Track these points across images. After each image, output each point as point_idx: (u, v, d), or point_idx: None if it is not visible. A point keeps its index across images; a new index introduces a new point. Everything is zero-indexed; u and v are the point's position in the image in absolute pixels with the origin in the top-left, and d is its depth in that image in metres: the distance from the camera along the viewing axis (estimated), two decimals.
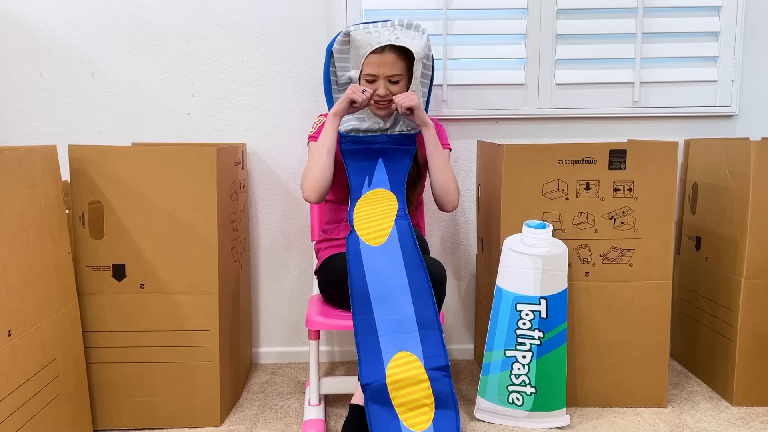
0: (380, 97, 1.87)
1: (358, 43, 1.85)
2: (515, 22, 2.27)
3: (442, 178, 1.90)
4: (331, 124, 1.86)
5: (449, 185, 1.91)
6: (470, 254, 2.42)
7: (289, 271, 2.40)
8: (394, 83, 1.86)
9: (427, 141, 1.89)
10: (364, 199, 1.82)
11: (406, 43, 1.83)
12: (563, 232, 1.94)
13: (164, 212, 1.82)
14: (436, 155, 1.89)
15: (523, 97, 2.31)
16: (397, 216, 1.74)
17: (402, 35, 1.84)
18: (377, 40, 1.83)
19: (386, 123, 1.94)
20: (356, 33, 1.85)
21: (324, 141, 1.86)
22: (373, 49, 1.82)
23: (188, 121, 2.32)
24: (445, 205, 1.95)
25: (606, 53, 2.29)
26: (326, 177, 1.86)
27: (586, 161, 1.91)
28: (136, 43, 2.27)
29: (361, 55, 1.86)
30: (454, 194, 1.94)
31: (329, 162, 1.86)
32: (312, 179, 1.86)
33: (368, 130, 1.94)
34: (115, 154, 1.80)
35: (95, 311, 1.84)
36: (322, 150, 1.86)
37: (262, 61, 2.29)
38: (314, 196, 1.88)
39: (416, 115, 1.84)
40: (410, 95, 1.82)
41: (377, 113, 1.91)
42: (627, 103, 2.32)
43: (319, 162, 1.85)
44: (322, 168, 1.85)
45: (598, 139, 2.34)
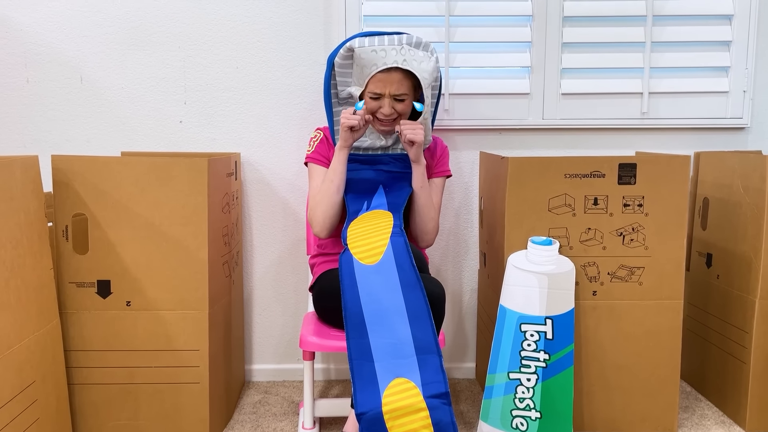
0: (385, 116, 1.79)
1: (363, 62, 1.76)
2: (520, 30, 2.20)
3: (422, 217, 1.84)
4: (339, 158, 1.78)
5: (427, 225, 1.85)
6: (472, 269, 2.33)
7: (284, 285, 2.31)
8: (399, 101, 1.78)
9: (415, 178, 1.81)
10: (359, 219, 1.74)
11: (414, 67, 1.74)
12: (570, 249, 1.86)
13: (152, 226, 1.74)
14: (421, 195, 1.82)
15: (528, 108, 2.23)
16: (393, 233, 1.65)
17: (410, 57, 1.75)
18: (383, 60, 1.74)
19: (388, 140, 1.86)
20: (361, 51, 1.76)
21: (333, 177, 1.78)
22: (379, 70, 1.74)
23: (180, 130, 2.23)
24: (420, 242, 1.89)
25: (614, 62, 2.21)
26: (337, 213, 1.80)
27: (594, 175, 1.83)
28: (126, 48, 2.18)
29: (365, 74, 1.77)
30: (431, 234, 1.88)
31: (340, 199, 1.80)
32: (322, 216, 1.79)
33: (369, 148, 1.86)
34: (100, 165, 1.72)
35: (78, 330, 1.75)
36: (331, 187, 1.78)
37: (257, 67, 2.21)
38: (325, 233, 1.82)
39: (414, 150, 1.77)
40: (417, 129, 1.74)
41: (379, 129, 1.83)
42: (635, 114, 2.24)
43: (330, 200, 1.78)
44: (333, 205, 1.79)
45: (604, 151, 2.26)
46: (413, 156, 1.79)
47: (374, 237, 1.65)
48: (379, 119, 1.81)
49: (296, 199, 2.26)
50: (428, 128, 1.84)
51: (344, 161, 1.78)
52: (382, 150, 1.87)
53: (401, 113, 1.80)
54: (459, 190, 2.29)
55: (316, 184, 1.86)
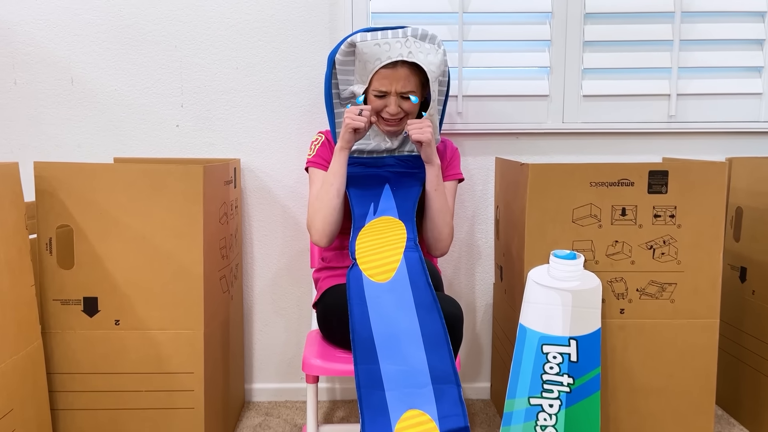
0: (391, 115, 1.65)
1: (366, 57, 1.63)
2: (539, 28, 2.06)
3: (437, 223, 1.69)
4: (339, 160, 1.65)
5: (442, 232, 1.70)
6: (486, 282, 2.19)
7: (286, 300, 2.18)
8: (406, 99, 1.65)
9: (429, 180, 1.67)
10: (368, 228, 1.59)
11: (420, 59, 1.61)
12: (596, 263, 1.71)
13: (143, 238, 1.60)
14: (435, 198, 1.67)
15: (547, 110, 2.09)
16: (407, 247, 1.51)
17: (415, 49, 1.62)
18: (387, 54, 1.61)
19: (394, 142, 1.72)
20: (363, 45, 1.63)
21: (333, 180, 1.64)
22: (384, 64, 1.61)
23: (176, 134, 2.10)
24: (434, 250, 1.75)
25: (639, 62, 2.07)
26: (337, 219, 1.66)
27: (622, 183, 1.69)
28: (120, 47, 2.06)
29: (368, 70, 1.64)
30: (446, 241, 1.73)
31: (340, 203, 1.65)
32: (322, 222, 1.65)
33: (374, 151, 1.72)
34: (87, 172, 1.59)
35: (63, 351, 1.61)
36: (331, 190, 1.64)
37: (258, 68, 2.07)
38: (324, 241, 1.68)
39: (424, 150, 1.63)
40: (424, 127, 1.60)
41: (385, 129, 1.69)
42: (662, 117, 2.09)
43: (329, 204, 1.64)
44: (332, 210, 1.65)
45: (629, 157, 2.11)
46: (425, 156, 1.65)
47: (386, 251, 1.51)
48: (384, 119, 1.67)
49: (299, 207, 2.13)
50: (436, 126, 1.70)
51: (344, 163, 1.65)
52: (388, 152, 1.74)
53: (408, 112, 1.67)
54: (472, 198, 2.15)
55: (315, 190, 1.73)
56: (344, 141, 1.63)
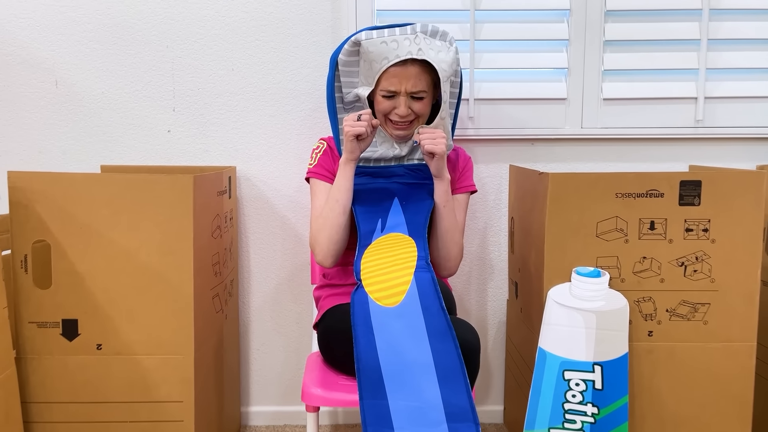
0: (400, 118, 1.51)
1: (372, 56, 1.49)
2: (556, 26, 1.92)
3: (445, 241, 1.55)
4: (345, 173, 1.51)
5: (451, 251, 1.57)
6: (499, 299, 2.05)
7: (285, 317, 2.04)
8: (417, 99, 1.51)
9: (437, 195, 1.53)
10: (375, 246, 1.45)
11: (431, 57, 1.48)
12: (622, 281, 1.57)
13: (127, 255, 1.47)
14: (444, 215, 1.54)
15: (565, 114, 1.95)
16: (418, 267, 1.37)
17: (425, 46, 1.48)
18: (395, 52, 1.48)
19: (403, 148, 1.59)
20: (368, 43, 1.49)
21: (339, 196, 1.51)
22: (392, 63, 1.48)
23: (168, 140, 1.96)
24: (441, 270, 1.61)
25: (664, 63, 1.93)
26: (343, 238, 1.53)
27: (650, 194, 1.55)
28: (108, 48, 1.92)
29: (374, 70, 1.50)
30: (455, 261, 1.60)
31: (346, 221, 1.52)
32: (327, 242, 1.52)
33: (381, 159, 1.58)
34: (66, 183, 1.45)
35: (40, 378, 1.48)
36: (336, 207, 1.51)
37: (255, 69, 1.94)
38: (329, 261, 1.54)
39: (435, 162, 1.49)
40: (438, 137, 1.47)
41: (394, 133, 1.56)
42: (689, 122, 1.95)
43: (335, 222, 1.51)
44: (338, 228, 1.51)
45: (653, 164, 1.97)
46: (435, 170, 1.51)
47: (394, 272, 1.36)
48: (393, 122, 1.54)
49: (299, 218, 1.99)
50: (448, 132, 1.56)
51: (350, 176, 1.51)
52: (396, 161, 1.60)
53: (419, 114, 1.54)
54: (485, 208, 2.01)
55: (318, 204, 1.59)
56: (348, 152, 1.49)
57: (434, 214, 1.55)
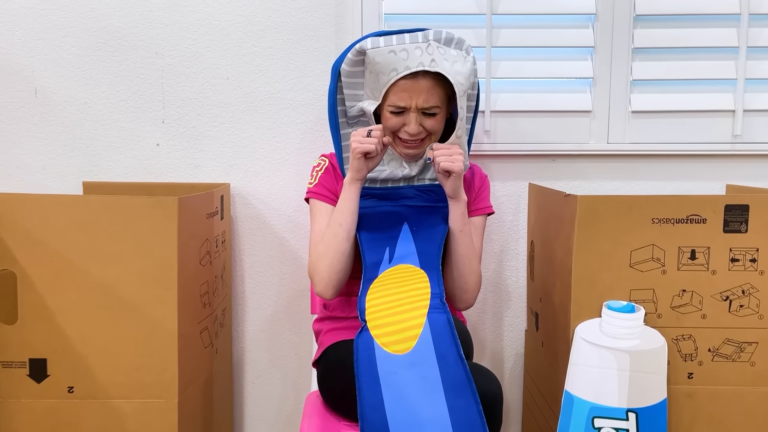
0: (411, 136, 1.35)
1: (378, 67, 1.33)
2: (580, 32, 1.76)
3: (462, 270, 1.39)
4: (350, 195, 1.35)
5: (468, 281, 1.40)
6: (516, 328, 1.88)
7: (283, 347, 1.87)
8: (429, 116, 1.35)
9: (453, 218, 1.37)
10: (382, 280, 1.29)
11: (446, 69, 1.31)
12: (659, 317, 1.41)
13: (103, 287, 1.31)
14: (461, 240, 1.37)
15: (589, 128, 1.79)
16: (432, 307, 1.20)
17: (439, 56, 1.32)
18: (405, 63, 1.31)
19: (412, 168, 1.42)
20: (375, 53, 1.32)
21: (342, 219, 1.35)
22: (401, 76, 1.32)
23: (157, 154, 1.81)
24: (457, 302, 1.44)
25: (698, 72, 1.77)
26: (346, 267, 1.37)
27: (691, 220, 1.38)
28: (92, 53, 1.77)
29: (382, 83, 1.34)
30: (473, 293, 1.43)
31: (350, 247, 1.36)
32: (327, 271, 1.35)
33: (389, 180, 1.42)
34: (33, 204, 1.30)
35: (4, 424, 1.33)
36: (339, 232, 1.34)
37: (252, 78, 1.78)
38: (330, 292, 1.37)
39: (451, 182, 1.33)
40: (455, 154, 1.31)
41: (404, 152, 1.39)
42: (726, 137, 1.78)
43: (337, 249, 1.35)
44: (341, 256, 1.35)
45: (686, 183, 1.81)
46: (450, 190, 1.35)
47: (405, 312, 1.19)
48: (402, 140, 1.38)
49: (299, 240, 1.83)
50: (465, 150, 1.40)
51: (356, 198, 1.35)
52: (406, 181, 1.43)
53: (431, 132, 1.38)
54: (501, 229, 1.84)
55: (318, 228, 1.42)
56: (354, 171, 1.33)
57: (449, 239, 1.38)
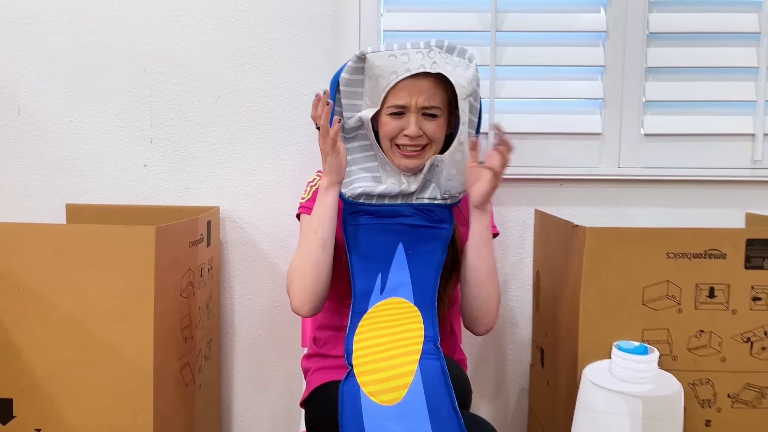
0: (411, 139, 1.26)
1: (378, 71, 1.25)
2: (590, 50, 1.66)
3: (485, 289, 1.28)
4: (326, 200, 1.25)
5: (491, 300, 1.30)
6: (520, 363, 1.77)
7: (274, 379, 1.78)
8: (430, 118, 1.27)
9: (475, 231, 1.28)
10: (372, 315, 1.18)
11: (447, 71, 1.23)
12: (674, 359, 1.30)
13: (73, 322, 1.22)
14: (485, 255, 1.27)
15: (599, 152, 1.69)
16: (424, 352, 1.09)
17: (440, 59, 1.24)
18: (405, 66, 1.24)
19: (411, 183, 1.31)
20: (375, 57, 1.26)
21: (318, 226, 1.24)
22: (401, 78, 1.23)
23: (144, 176, 1.73)
24: (479, 326, 1.34)
25: (716, 94, 1.67)
26: (322, 279, 1.25)
27: (710, 255, 1.28)
28: (78, 70, 1.69)
29: (381, 87, 1.26)
30: (495, 313, 1.33)
31: (326, 258, 1.25)
32: (301, 282, 1.25)
33: (385, 196, 1.31)
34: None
35: None
36: (314, 239, 1.24)
37: (244, 96, 1.70)
38: (306, 308, 1.26)
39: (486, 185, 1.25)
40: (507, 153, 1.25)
41: (402, 163, 1.30)
42: (745, 162, 1.68)
43: (311, 258, 1.24)
44: (314, 265, 1.24)
45: (701, 210, 1.70)
46: (480, 198, 1.25)
47: (394, 357, 1.09)
48: (401, 148, 1.29)
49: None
50: (467, 158, 1.30)
51: (333, 204, 1.25)
52: (403, 198, 1.33)
53: (432, 138, 1.29)
54: (505, 257, 1.74)
55: None
56: (329, 174, 1.24)
57: (469, 256, 1.28)
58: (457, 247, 1.34)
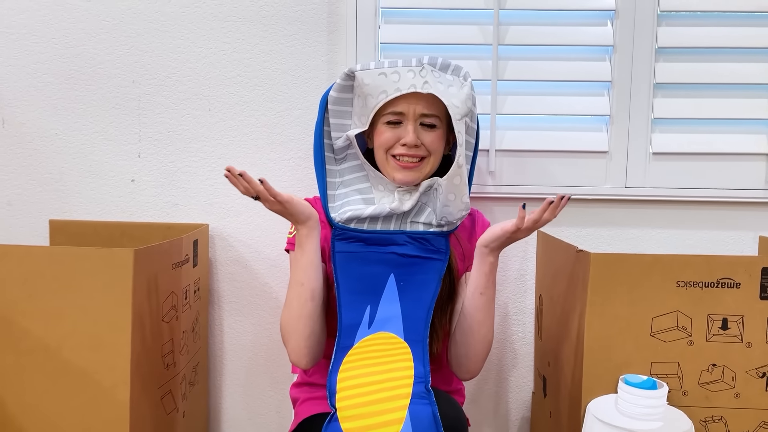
0: (408, 149, 1.20)
1: (367, 90, 1.19)
2: (596, 65, 1.59)
3: (472, 338, 1.21)
4: (307, 249, 1.17)
5: (479, 351, 1.23)
6: (522, 390, 1.69)
7: (264, 405, 1.70)
8: (428, 128, 1.21)
9: (479, 275, 1.20)
10: (357, 351, 1.11)
11: (440, 91, 1.17)
12: (684, 395, 1.22)
13: (45, 350, 1.15)
14: (481, 305, 1.20)
15: (605, 171, 1.62)
16: (415, 395, 1.02)
17: (433, 79, 1.17)
18: (395, 85, 1.17)
19: (404, 201, 1.23)
20: (364, 75, 1.19)
21: (304, 278, 1.17)
22: (391, 98, 1.17)
23: (131, 191, 1.66)
24: (461, 373, 1.27)
25: (728, 111, 1.59)
26: (317, 331, 1.20)
27: (723, 284, 1.20)
28: (64, 81, 1.64)
29: (369, 107, 1.20)
30: (480, 364, 1.26)
31: (317, 308, 1.19)
32: (296, 340, 1.19)
33: (376, 218, 1.24)
34: None
35: None
36: (302, 292, 1.17)
37: (236, 110, 1.64)
38: (304, 361, 1.20)
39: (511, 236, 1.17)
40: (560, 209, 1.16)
41: (397, 177, 1.22)
42: (759, 182, 1.60)
43: (302, 312, 1.17)
44: (308, 320, 1.18)
45: (711, 233, 1.62)
46: (498, 243, 1.18)
47: (383, 402, 1.01)
48: (397, 159, 1.22)
49: (282, 286, 1.66)
50: (465, 184, 1.23)
51: (314, 249, 1.18)
52: (397, 223, 1.25)
53: (430, 150, 1.23)
54: (506, 280, 1.67)
55: None
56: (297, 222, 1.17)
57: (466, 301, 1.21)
58: (453, 276, 1.27)
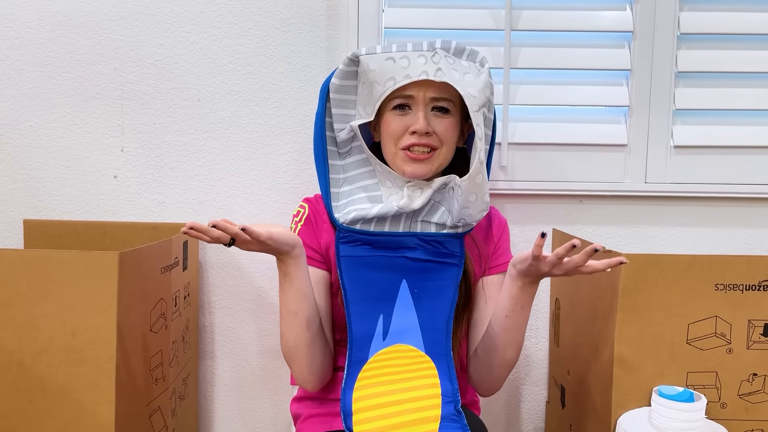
0: (419, 138, 1.08)
1: (373, 76, 1.08)
2: (614, 52, 1.49)
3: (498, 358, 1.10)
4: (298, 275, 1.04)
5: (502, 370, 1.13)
6: (536, 399, 1.59)
7: (260, 418, 1.59)
8: (440, 113, 1.10)
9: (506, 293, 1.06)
10: (373, 366, 1.00)
11: (455, 79, 1.05)
12: (723, 407, 1.13)
13: (20, 366, 1.03)
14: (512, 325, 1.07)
15: (624, 166, 1.52)
16: (444, 418, 0.90)
17: (446, 65, 1.06)
18: (405, 72, 1.06)
19: (414, 198, 1.11)
20: (369, 59, 1.08)
21: (297, 308, 1.04)
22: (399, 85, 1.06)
23: (114, 188, 1.53)
24: (484, 390, 1.18)
25: (754, 101, 1.50)
26: (319, 356, 1.09)
27: (765, 287, 1.11)
28: (39, 69, 1.50)
29: (376, 95, 1.09)
30: (502, 381, 1.16)
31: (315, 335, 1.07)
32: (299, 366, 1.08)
33: (383, 218, 1.12)
34: None
35: None
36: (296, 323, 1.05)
37: (228, 100, 1.51)
38: (311, 385, 1.11)
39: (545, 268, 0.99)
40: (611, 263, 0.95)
41: (407, 169, 1.10)
42: None
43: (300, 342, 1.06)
44: (307, 349, 1.07)
45: (735, 230, 1.54)
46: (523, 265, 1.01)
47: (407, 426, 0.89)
48: (406, 149, 1.10)
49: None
50: (485, 182, 1.10)
51: (303, 276, 1.05)
52: (407, 223, 1.14)
53: (443, 140, 1.11)
54: None
55: None
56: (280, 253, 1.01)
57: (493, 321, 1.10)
58: (470, 281, 1.16)
